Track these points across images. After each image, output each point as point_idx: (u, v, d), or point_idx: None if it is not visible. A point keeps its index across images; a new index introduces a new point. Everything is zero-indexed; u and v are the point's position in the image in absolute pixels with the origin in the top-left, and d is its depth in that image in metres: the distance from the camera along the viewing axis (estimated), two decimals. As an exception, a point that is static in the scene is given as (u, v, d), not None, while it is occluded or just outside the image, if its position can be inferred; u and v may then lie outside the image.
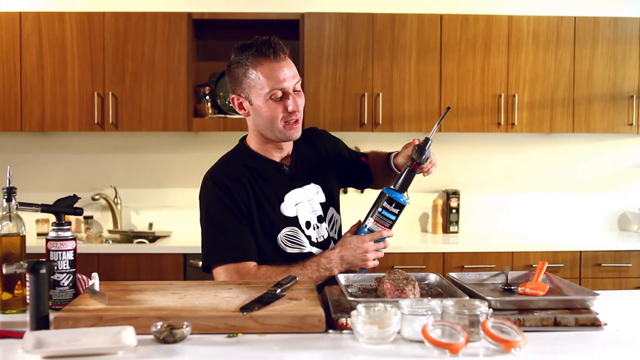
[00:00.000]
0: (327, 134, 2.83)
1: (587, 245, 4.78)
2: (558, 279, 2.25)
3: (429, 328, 1.75)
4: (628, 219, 5.38)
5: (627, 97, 4.98)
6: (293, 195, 2.55)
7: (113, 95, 4.78)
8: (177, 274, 4.56)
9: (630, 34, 4.97)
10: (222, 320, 1.86)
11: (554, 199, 5.41)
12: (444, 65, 4.90)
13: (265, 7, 5.05)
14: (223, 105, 4.98)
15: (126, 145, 5.22)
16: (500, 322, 1.78)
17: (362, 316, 1.79)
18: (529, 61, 4.93)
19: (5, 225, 2.09)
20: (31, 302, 1.87)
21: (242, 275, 2.40)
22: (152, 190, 5.23)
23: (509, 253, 4.73)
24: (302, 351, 1.76)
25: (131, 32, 4.79)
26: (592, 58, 4.97)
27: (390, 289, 2.02)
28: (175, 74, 4.81)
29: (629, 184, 5.44)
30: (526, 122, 4.93)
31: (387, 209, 2.42)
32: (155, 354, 1.72)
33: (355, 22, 4.86)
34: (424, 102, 4.89)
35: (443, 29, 4.89)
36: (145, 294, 2.09)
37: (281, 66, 2.43)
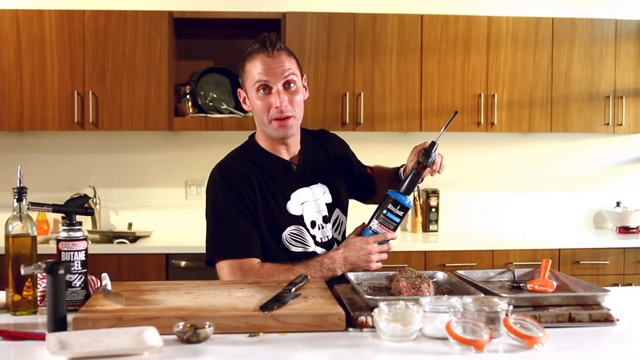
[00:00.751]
0: (338, 137, 2.85)
1: (566, 243, 4.86)
2: (564, 276, 2.29)
3: (452, 325, 1.77)
4: (603, 217, 5.48)
5: (603, 97, 5.07)
6: (299, 194, 2.56)
7: (93, 94, 4.73)
8: (160, 274, 4.53)
9: (606, 35, 5.06)
10: (243, 320, 1.86)
11: (532, 197, 5.48)
12: (425, 65, 4.94)
13: (247, 6, 5.04)
14: (204, 105, 4.96)
15: (105, 145, 5.17)
16: (521, 319, 1.81)
17: (385, 314, 1.81)
18: (508, 61, 4.99)
19: (15, 225, 2.07)
20: (49, 303, 1.85)
21: (245, 271, 2.41)
22: (131, 190, 5.19)
23: (490, 251, 4.78)
24: (327, 349, 1.77)
25: (112, 31, 4.75)
26: (570, 58, 5.04)
27: (407, 287, 2.04)
28: (156, 73, 4.78)
29: (605, 182, 5.54)
30: (505, 121, 4.99)
31: (392, 211, 2.44)
32: (181, 354, 1.71)
33: (336, 21, 4.87)
34: (404, 101, 4.92)
35: (424, 29, 4.93)
36: (159, 294, 2.08)
37: (270, 60, 2.45)
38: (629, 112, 5.09)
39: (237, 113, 4.92)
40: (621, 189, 5.54)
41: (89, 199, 2.16)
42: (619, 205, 5.36)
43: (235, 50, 5.23)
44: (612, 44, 5.07)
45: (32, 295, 2.07)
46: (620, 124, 5.07)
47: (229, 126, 4.83)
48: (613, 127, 5.08)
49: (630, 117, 5.10)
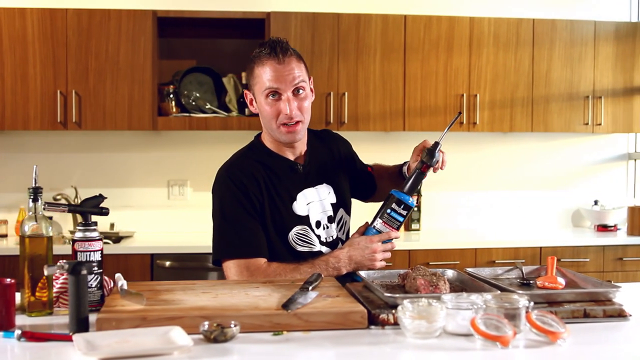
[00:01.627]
0: (341, 137, 2.87)
1: (547, 241, 4.93)
2: (570, 273, 2.34)
3: (477, 321, 1.79)
4: (582, 215, 5.56)
5: (582, 97, 5.15)
6: (305, 194, 2.58)
7: (76, 93, 4.69)
8: (144, 274, 4.51)
9: (585, 36, 5.14)
10: (267, 319, 1.88)
11: (512, 196, 5.55)
12: (408, 65, 4.97)
13: (231, 6, 5.03)
14: (187, 104, 4.94)
15: (86, 145, 5.13)
16: (543, 315, 1.85)
17: (409, 311, 1.83)
18: (490, 62, 5.05)
19: (31, 226, 2.06)
20: (71, 304, 1.84)
21: (252, 271, 2.43)
22: (113, 189, 5.15)
23: (473, 250, 4.83)
24: (353, 347, 1.79)
25: (95, 30, 4.71)
26: (550, 59, 5.12)
27: (424, 284, 2.06)
28: (140, 73, 4.75)
29: (583, 181, 5.63)
30: (487, 121, 5.05)
31: (395, 210, 2.47)
32: (210, 353, 1.72)
33: (320, 22, 4.89)
34: (388, 101, 4.95)
35: (407, 29, 4.96)
36: (176, 294, 2.08)
37: (280, 67, 2.47)
38: (608, 112, 5.17)
39: (220, 112, 4.91)
40: (599, 188, 5.63)
41: (105, 198, 2.16)
42: (597, 204, 5.45)
43: (218, 49, 5.23)
44: (591, 45, 5.16)
45: (48, 296, 2.05)
46: (599, 124, 5.16)
47: (213, 126, 4.82)
48: (592, 126, 5.16)
49: (609, 117, 5.18)
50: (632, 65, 5.21)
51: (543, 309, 1.93)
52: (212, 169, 5.08)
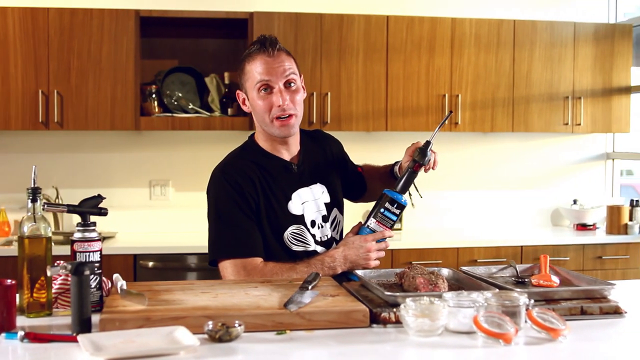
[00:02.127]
0: (333, 137, 2.89)
1: (527, 240, 4.99)
2: (564, 271, 2.37)
3: (480, 319, 1.81)
4: (561, 214, 5.62)
5: (562, 98, 5.21)
6: (300, 193, 2.59)
7: (58, 93, 4.66)
8: (127, 275, 4.48)
9: (565, 37, 5.20)
10: (269, 318, 1.89)
11: (493, 195, 5.59)
12: (390, 66, 5.00)
13: (214, 5, 5.02)
14: (169, 104, 4.92)
15: (67, 145, 5.09)
16: (543, 312, 1.87)
17: (412, 309, 1.85)
18: (472, 62, 5.09)
19: (30, 226, 2.05)
20: (74, 304, 1.84)
21: (248, 270, 2.43)
22: (94, 190, 5.00)
23: (455, 249, 4.87)
24: (357, 345, 1.81)
25: (77, 29, 4.68)
26: (531, 60, 5.17)
27: (424, 283, 2.09)
28: (122, 72, 4.73)
29: (562, 181, 5.69)
30: (469, 121, 5.09)
31: (389, 209, 2.49)
32: (216, 352, 1.73)
33: (303, 22, 4.89)
34: (371, 101, 4.98)
35: (389, 30, 4.98)
36: (175, 294, 2.08)
37: (271, 60, 2.49)
38: (587, 112, 5.24)
39: (203, 112, 4.91)
40: (578, 187, 5.70)
41: (103, 199, 2.15)
42: (576, 203, 5.51)
43: (200, 49, 5.22)
44: (571, 46, 5.22)
45: (46, 297, 2.04)
46: (578, 124, 5.22)
47: (196, 126, 4.81)
48: (572, 126, 5.22)
49: (588, 117, 5.25)
50: (611, 66, 5.28)
51: (542, 307, 1.95)
52: (194, 169, 5.16)
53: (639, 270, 5.08)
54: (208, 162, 5.10)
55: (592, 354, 1.79)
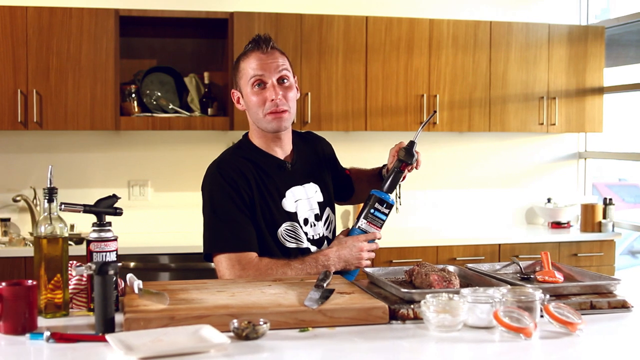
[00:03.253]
0: (324, 139, 2.94)
1: (505, 238, 5.07)
2: (566, 267, 2.42)
3: (500, 314, 1.86)
4: (535, 212, 5.72)
5: (537, 98, 5.30)
6: (294, 191, 2.64)
7: (37, 93, 4.61)
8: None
9: (540, 39, 5.29)
10: (292, 315, 1.91)
11: (469, 194, 5.66)
12: (370, 66, 5.04)
13: (194, 5, 5.01)
14: (149, 104, 4.90)
15: (44, 145, 5.03)
16: (559, 307, 1.92)
17: (433, 306, 1.88)
18: (449, 63, 5.15)
19: (46, 227, 2.04)
20: (98, 304, 1.84)
21: (243, 265, 2.46)
22: (73, 190, 5.07)
23: (434, 247, 4.93)
24: (382, 341, 1.83)
25: (56, 28, 4.63)
26: (507, 61, 5.25)
27: (438, 280, 2.12)
28: (102, 72, 4.69)
29: (537, 179, 5.78)
30: (447, 121, 5.15)
31: (378, 209, 2.54)
32: (245, 350, 1.74)
33: (284, 22, 4.91)
34: (350, 101, 5.01)
35: (368, 30, 5.02)
36: (192, 293, 2.09)
37: (264, 57, 2.56)
38: (562, 112, 5.34)
39: (182, 112, 4.89)
40: (552, 186, 5.80)
41: (118, 198, 2.15)
42: (550, 202, 5.61)
43: (179, 49, 5.20)
44: (546, 47, 5.31)
45: (62, 298, 2.04)
46: (553, 124, 5.31)
47: (177, 126, 4.80)
48: (547, 126, 5.32)
49: (563, 117, 5.35)
50: (584, 67, 5.38)
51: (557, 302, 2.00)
52: (173, 169, 5.16)
53: (613, 267, 5.19)
54: (187, 161, 5.19)
55: (610, 346, 1.85)
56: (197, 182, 5.08)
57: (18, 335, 1.84)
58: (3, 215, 4.93)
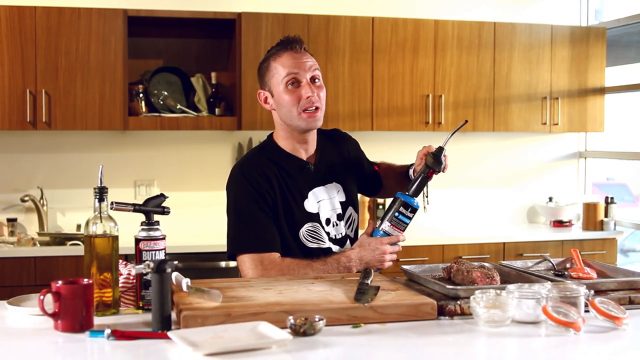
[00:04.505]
0: (350, 137, 2.95)
1: (509, 237, 5.13)
2: (598, 264, 2.48)
3: (549, 309, 1.90)
4: (537, 211, 5.78)
5: (540, 98, 5.37)
6: (316, 192, 2.67)
7: (46, 93, 4.61)
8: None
9: (543, 40, 5.35)
10: (344, 312, 1.94)
11: (472, 193, 5.71)
12: (376, 67, 5.08)
13: (201, 6, 5.02)
14: (156, 104, 4.91)
15: (51, 145, 5.03)
16: (604, 302, 1.97)
17: (483, 302, 1.92)
18: (454, 63, 5.20)
19: (97, 225, 2.06)
20: (155, 302, 1.86)
21: (265, 265, 2.50)
22: (79, 190, 5.08)
23: (440, 246, 4.98)
24: (435, 336, 1.88)
25: (65, 28, 4.63)
26: (510, 61, 5.31)
27: (481, 277, 2.17)
28: (111, 72, 4.70)
29: (539, 179, 5.85)
30: (452, 121, 5.20)
31: (403, 213, 2.57)
32: (305, 346, 1.78)
33: (291, 22, 4.94)
34: (357, 101, 5.05)
35: (375, 31, 5.06)
36: (239, 291, 2.12)
37: (298, 56, 2.60)
38: (564, 112, 5.40)
39: (189, 112, 4.91)
40: (553, 185, 5.86)
41: (166, 198, 2.17)
42: (552, 201, 5.67)
43: (185, 49, 5.22)
44: (548, 48, 5.37)
45: (112, 296, 2.06)
46: (556, 124, 5.38)
47: (185, 126, 4.82)
48: (549, 126, 5.38)
49: (565, 117, 5.41)
50: (586, 67, 5.46)
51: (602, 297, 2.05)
52: (180, 169, 5.17)
53: (615, 265, 5.25)
54: (193, 161, 5.21)
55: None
56: (203, 182, 5.19)
57: (75, 333, 1.86)
58: (10, 216, 4.93)
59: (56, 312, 1.86)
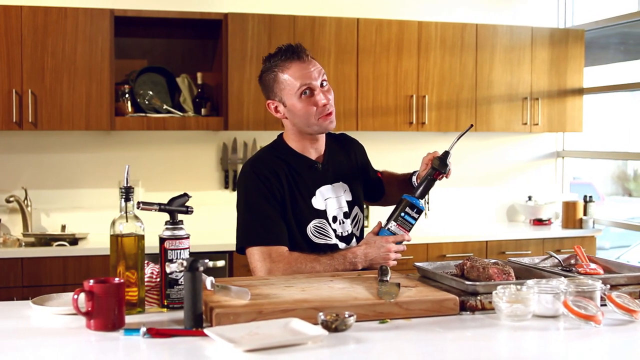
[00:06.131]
0: (357, 141, 3.03)
1: (491, 235, 5.22)
2: (602, 260, 2.56)
3: (569, 303, 1.96)
4: (516, 210, 5.88)
5: (521, 99, 5.46)
6: (323, 190, 2.74)
7: (32, 93, 4.58)
8: (105, 275, 4.45)
9: (523, 41, 5.45)
10: (371, 308, 1.99)
11: (454, 192, 5.77)
12: (361, 67, 5.13)
13: (188, 6, 5.03)
14: (142, 104, 4.91)
15: (35, 145, 5.00)
16: (620, 296, 2.04)
17: (505, 297, 1.98)
18: (437, 64, 5.27)
19: (123, 225, 2.08)
20: (187, 300, 1.89)
21: (274, 258, 2.56)
22: (64, 191, 5.05)
23: (425, 244, 5.05)
24: (461, 330, 1.94)
25: (51, 28, 4.61)
26: (492, 62, 5.39)
27: (497, 272, 2.22)
28: (97, 72, 4.69)
29: (518, 178, 5.94)
30: (435, 121, 5.27)
31: (409, 214, 2.63)
32: (338, 342, 1.82)
33: (277, 23, 4.97)
34: (342, 102, 5.09)
35: (360, 32, 5.11)
36: (263, 289, 2.16)
37: (307, 66, 2.65)
38: (544, 113, 5.51)
39: (175, 113, 4.91)
40: (532, 184, 5.96)
41: (189, 197, 2.19)
42: (531, 199, 5.77)
43: (170, 49, 5.22)
44: (529, 49, 5.47)
45: (138, 295, 2.08)
46: (536, 124, 5.48)
47: (172, 126, 4.82)
48: (530, 126, 5.48)
49: (545, 117, 5.52)
50: (565, 68, 5.56)
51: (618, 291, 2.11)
52: (164, 169, 5.18)
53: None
54: (177, 162, 5.22)
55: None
56: (188, 182, 5.20)
57: (108, 332, 1.88)
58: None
59: (89, 310, 1.87)
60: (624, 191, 8.13)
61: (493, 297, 2.00)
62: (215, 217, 5.03)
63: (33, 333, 1.92)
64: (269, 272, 2.51)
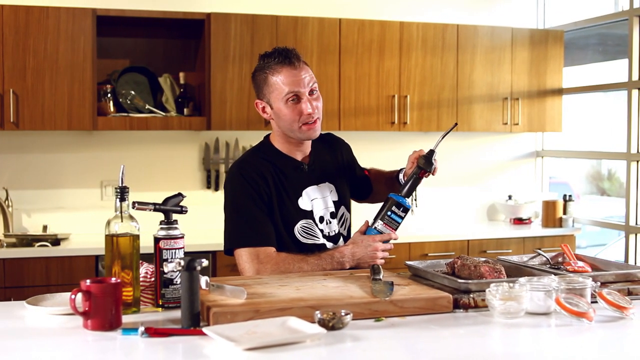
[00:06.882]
0: (343, 141, 3.05)
1: (472, 235, 5.26)
2: (589, 258, 2.59)
3: (562, 300, 1.99)
4: (497, 209, 5.93)
5: (502, 99, 5.51)
6: (309, 191, 2.77)
7: (14, 92, 4.56)
8: (90, 276, 4.44)
9: (504, 42, 5.50)
10: (366, 306, 2.01)
11: (435, 192, 5.79)
12: (343, 67, 5.15)
13: (171, 6, 5.01)
14: (124, 104, 4.89)
15: (16, 145, 4.96)
16: (610, 292, 2.07)
17: (499, 294, 2.01)
18: (419, 64, 5.30)
19: (119, 225, 2.08)
20: (185, 299, 1.90)
21: (261, 258, 2.58)
22: (45, 191, 5.03)
23: (407, 244, 5.08)
24: (456, 328, 1.97)
25: (33, 27, 4.58)
26: (473, 63, 5.43)
27: (489, 271, 2.25)
28: (80, 72, 4.67)
29: (499, 177, 5.99)
30: (416, 121, 5.30)
31: (395, 212, 2.66)
32: (336, 339, 1.84)
33: (260, 23, 4.98)
34: (324, 102, 4.95)
35: (342, 32, 5.13)
36: (257, 288, 2.17)
37: (297, 72, 2.65)
38: (524, 113, 5.56)
39: (158, 112, 4.90)
40: (512, 184, 6.01)
41: (184, 197, 2.20)
42: (511, 199, 5.82)
43: (151, 49, 5.20)
44: (509, 50, 5.52)
45: (133, 295, 2.08)
46: (516, 124, 5.53)
47: (154, 126, 4.81)
48: (510, 126, 5.53)
49: (525, 117, 5.57)
50: (545, 69, 5.62)
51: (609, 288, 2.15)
52: (147, 169, 5.17)
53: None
54: (160, 162, 5.22)
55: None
56: (171, 182, 5.20)
57: (106, 332, 1.88)
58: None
59: (87, 310, 1.88)
60: (598, 190, 8.22)
61: (486, 295, 2.03)
62: (198, 217, 4.98)
63: (30, 333, 1.92)
64: (257, 273, 2.53)
